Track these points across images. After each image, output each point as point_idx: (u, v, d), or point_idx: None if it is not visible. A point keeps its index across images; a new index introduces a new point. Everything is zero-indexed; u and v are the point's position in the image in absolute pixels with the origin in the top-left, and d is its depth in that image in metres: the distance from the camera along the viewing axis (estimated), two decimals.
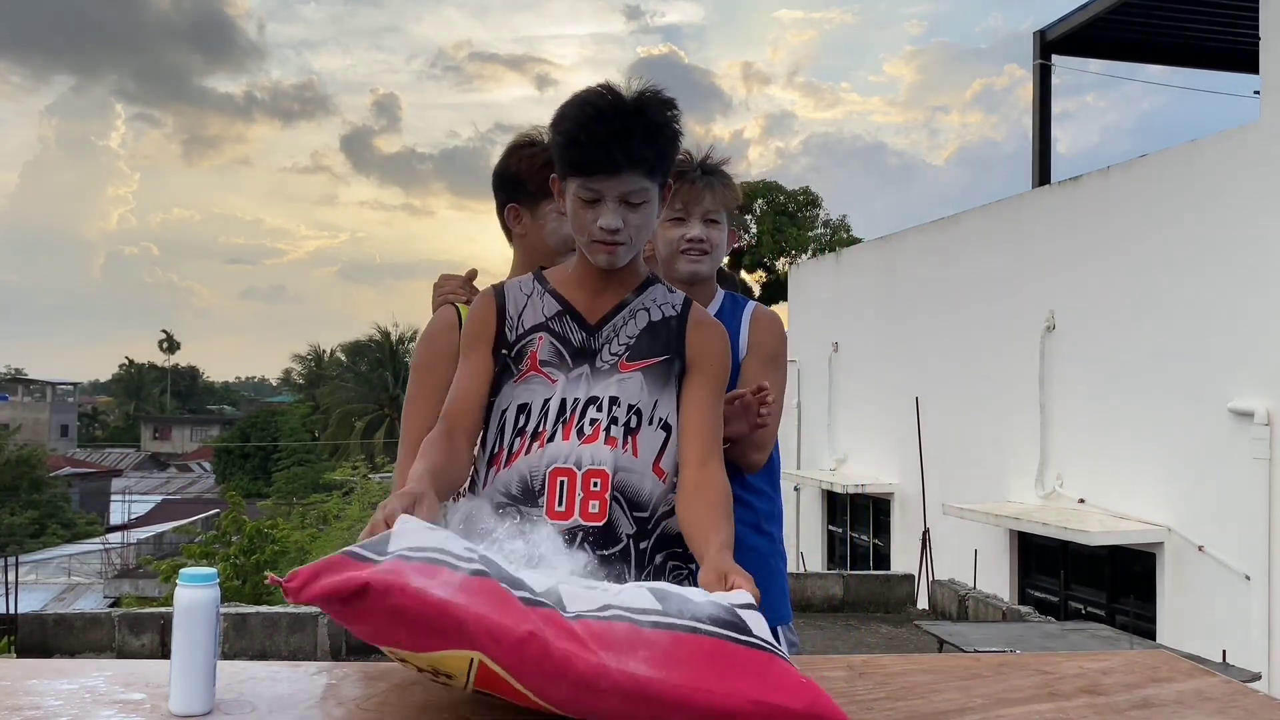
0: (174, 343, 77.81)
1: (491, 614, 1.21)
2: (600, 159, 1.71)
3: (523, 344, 1.81)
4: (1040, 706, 1.53)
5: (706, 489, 1.73)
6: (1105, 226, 10.21)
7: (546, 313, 1.84)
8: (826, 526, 15.85)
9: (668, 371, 1.81)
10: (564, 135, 1.74)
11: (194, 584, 1.42)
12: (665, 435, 1.79)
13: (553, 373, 1.78)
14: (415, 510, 1.45)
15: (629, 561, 1.73)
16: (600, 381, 1.78)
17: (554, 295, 1.85)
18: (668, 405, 1.80)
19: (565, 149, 1.74)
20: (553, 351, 1.80)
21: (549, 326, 1.82)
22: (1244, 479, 8.34)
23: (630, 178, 1.72)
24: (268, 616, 8.36)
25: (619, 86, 1.75)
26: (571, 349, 1.80)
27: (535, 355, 1.80)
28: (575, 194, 1.75)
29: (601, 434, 1.74)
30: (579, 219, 1.77)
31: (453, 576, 1.24)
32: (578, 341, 1.81)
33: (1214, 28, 12.30)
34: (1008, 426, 11.37)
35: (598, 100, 1.72)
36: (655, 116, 1.74)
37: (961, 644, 6.68)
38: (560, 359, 1.80)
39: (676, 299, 1.89)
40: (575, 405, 1.76)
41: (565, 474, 1.72)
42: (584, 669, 1.20)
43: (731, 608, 1.36)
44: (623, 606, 1.30)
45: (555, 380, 1.78)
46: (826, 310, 15.94)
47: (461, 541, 1.36)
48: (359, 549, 1.30)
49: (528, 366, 1.80)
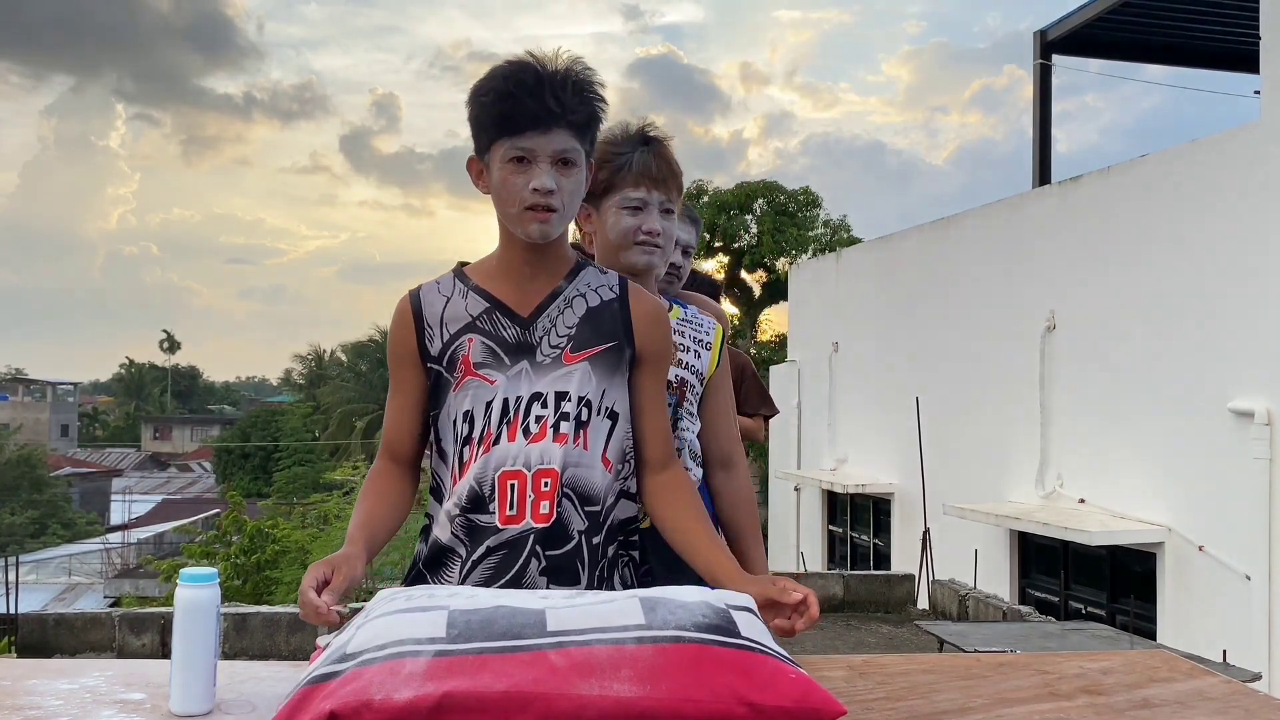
0: (174, 343, 77.80)
1: (460, 687, 1.19)
2: (534, 111, 1.64)
3: (452, 350, 1.73)
4: (1040, 706, 1.53)
5: (681, 491, 1.78)
6: (1105, 226, 10.21)
7: (472, 311, 1.74)
8: (826, 526, 15.84)
9: (617, 358, 1.75)
10: (492, 94, 1.67)
11: (194, 584, 1.43)
12: (612, 424, 1.73)
13: (489, 373, 1.71)
14: (334, 579, 1.50)
15: (581, 559, 1.69)
16: (544, 376, 1.71)
17: (478, 292, 1.76)
18: (616, 393, 1.74)
19: (493, 107, 1.67)
20: (485, 351, 1.72)
21: (477, 326, 1.73)
22: (1244, 479, 8.33)
23: (562, 135, 1.66)
24: (268, 616, 8.36)
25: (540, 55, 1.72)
26: (506, 346, 1.72)
27: (467, 359, 1.72)
28: (504, 158, 1.67)
29: (549, 431, 1.68)
30: (508, 186, 1.68)
31: (416, 665, 1.21)
32: (511, 337, 1.72)
33: (1214, 28, 12.30)
34: (1008, 426, 11.37)
35: (523, 62, 1.68)
36: (583, 75, 1.70)
37: (961, 644, 6.67)
38: (495, 358, 1.72)
39: (611, 280, 1.81)
40: (519, 404, 1.70)
41: (515, 476, 1.67)
42: (566, 707, 1.19)
43: (726, 609, 1.35)
44: (607, 627, 1.29)
45: (494, 381, 1.70)
46: (826, 310, 15.94)
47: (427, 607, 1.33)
48: (321, 669, 1.27)
49: (462, 372, 1.72)
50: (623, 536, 1.77)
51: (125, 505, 37.02)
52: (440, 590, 1.44)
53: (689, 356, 2.12)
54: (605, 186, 2.03)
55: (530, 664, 1.23)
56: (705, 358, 2.13)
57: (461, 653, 1.24)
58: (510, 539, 1.67)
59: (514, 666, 1.22)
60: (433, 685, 1.19)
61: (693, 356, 2.12)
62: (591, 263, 1.85)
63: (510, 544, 1.67)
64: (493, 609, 1.32)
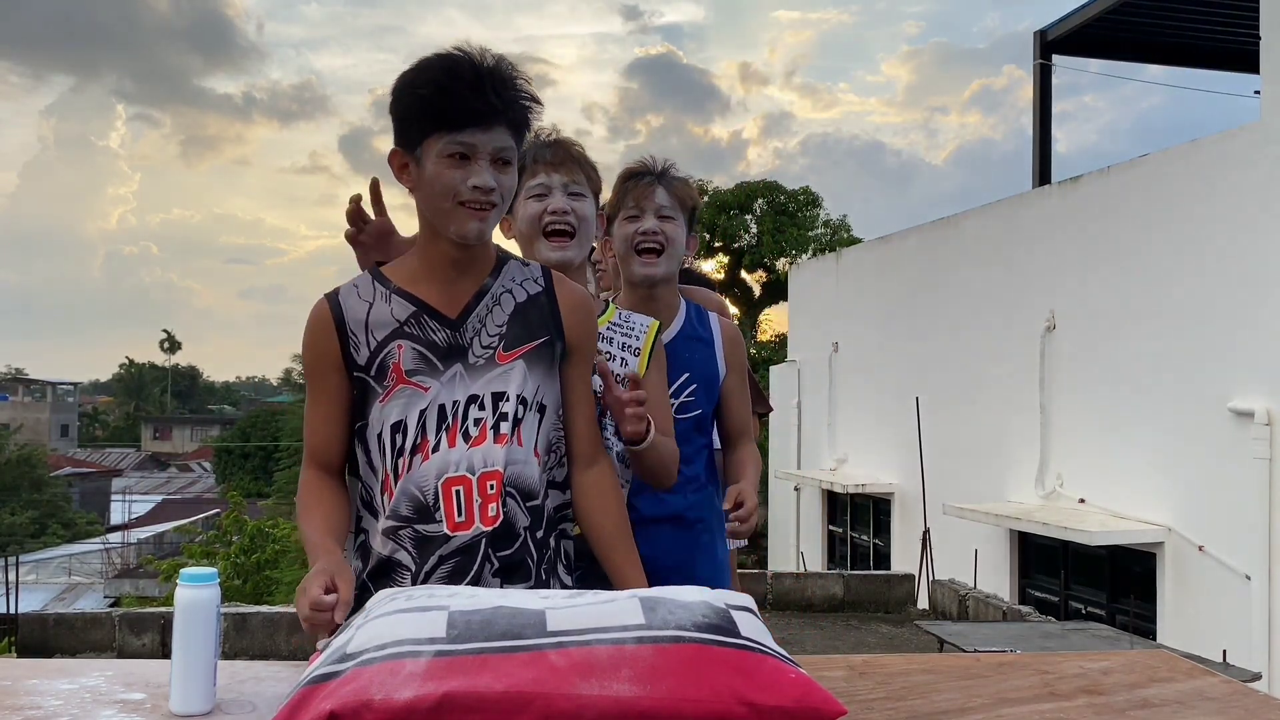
0: (174, 342, 77.81)
1: (460, 687, 1.19)
2: (475, 107, 1.60)
3: (380, 358, 1.67)
4: (1040, 706, 1.53)
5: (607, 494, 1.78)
6: (1105, 226, 10.21)
7: (398, 316, 1.68)
8: (826, 526, 15.84)
9: (549, 353, 1.73)
10: (430, 86, 1.61)
11: (194, 584, 1.43)
12: (540, 416, 1.71)
13: (423, 380, 1.66)
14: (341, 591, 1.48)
15: (530, 555, 1.69)
16: (479, 378, 1.67)
17: (402, 295, 1.70)
18: (548, 387, 1.73)
19: (431, 102, 1.61)
20: (417, 358, 1.66)
21: (405, 331, 1.67)
22: (1244, 479, 8.33)
23: (501, 133, 1.63)
24: (268, 616, 8.36)
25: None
26: (438, 351, 1.67)
27: (398, 366, 1.66)
28: (441, 153, 1.62)
29: (489, 432, 1.65)
30: (444, 181, 1.62)
31: (416, 665, 1.21)
32: (442, 341, 1.67)
33: (1214, 28, 12.30)
34: (1008, 426, 11.37)
35: (457, 55, 1.63)
36: (518, 73, 1.67)
37: (961, 644, 6.67)
38: (427, 364, 1.66)
39: (535, 271, 1.78)
40: (455, 408, 1.66)
41: (460, 482, 1.64)
42: (566, 707, 1.19)
43: (726, 609, 1.35)
44: (607, 627, 1.29)
45: (427, 388, 1.66)
46: (826, 310, 15.94)
47: (426, 607, 1.33)
48: (321, 669, 1.27)
49: (393, 381, 1.66)
50: (560, 527, 1.77)
51: (125, 505, 37.03)
52: (440, 590, 1.44)
53: (614, 366, 2.02)
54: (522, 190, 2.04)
55: (530, 664, 1.23)
56: (632, 364, 2.05)
57: (461, 653, 1.24)
58: (462, 545, 1.65)
59: (514, 666, 1.22)
60: (433, 685, 1.19)
61: (618, 365, 2.03)
62: (512, 256, 1.82)
63: (463, 550, 1.65)
64: (493, 609, 1.32)
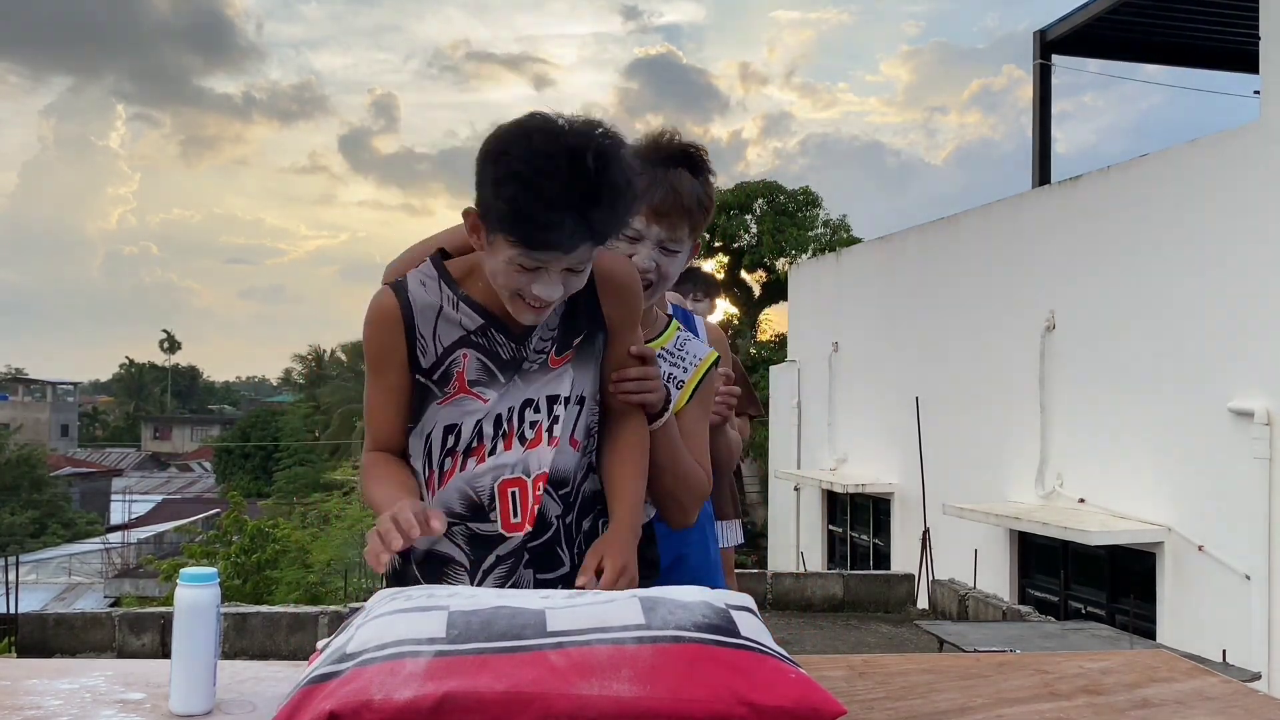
0: (174, 342, 77.81)
1: (460, 687, 1.19)
2: (553, 240, 1.50)
3: (446, 365, 1.66)
4: (1040, 706, 1.53)
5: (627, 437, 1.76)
6: (1105, 226, 10.21)
7: (468, 326, 1.66)
8: (826, 526, 15.84)
9: (592, 347, 1.72)
10: (508, 202, 1.48)
11: (194, 584, 1.42)
12: (580, 408, 1.71)
13: (483, 391, 1.66)
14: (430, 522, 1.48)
15: (560, 543, 1.70)
16: (533, 383, 1.67)
17: (470, 305, 1.66)
18: (591, 376, 1.72)
19: (509, 217, 1.49)
20: (480, 369, 1.66)
21: (472, 340, 1.66)
22: (1244, 479, 8.33)
23: (583, 250, 1.54)
24: (268, 616, 8.37)
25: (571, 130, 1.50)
26: (500, 362, 1.66)
27: (462, 375, 1.66)
28: (512, 260, 1.53)
29: (544, 435, 1.67)
30: (510, 277, 1.55)
31: (416, 665, 1.21)
32: (507, 354, 1.66)
33: (1214, 28, 12.30)
34: (1008, 426, 11.37)
35: (550, 161, 1.46)
36: (618, 178, 1.50)
37: (961, 644, 6.68)
38: (490, 375, 1.66)
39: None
40: (511, 414, 1.66)
41: (515, 484, 1.66)
42: (566, 707, 1.19)
43: (726, 609, 1.35)
44: (606, 627, 1.29)
45: (486, 399, 1.66)
46: (826, 310, 15.94)
47: (427, 607, 1.33)
48: (321, 669, 1.27)
49: (455, 389, 1.66)
50: (598, 508, 1.77)
51: (125, 505, 36.99)
52: (440, 590, 1.44)
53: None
54: None
55: (530, 664, 1.23)
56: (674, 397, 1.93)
57: (461, 653, 1.24)
58: (518, 547, 1.68)
59: (514, 666, 1.22)
60: (433, 685, 1.19)
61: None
62: None
63: (516, 554, 1.68)
64: (493, 609, 1.32)
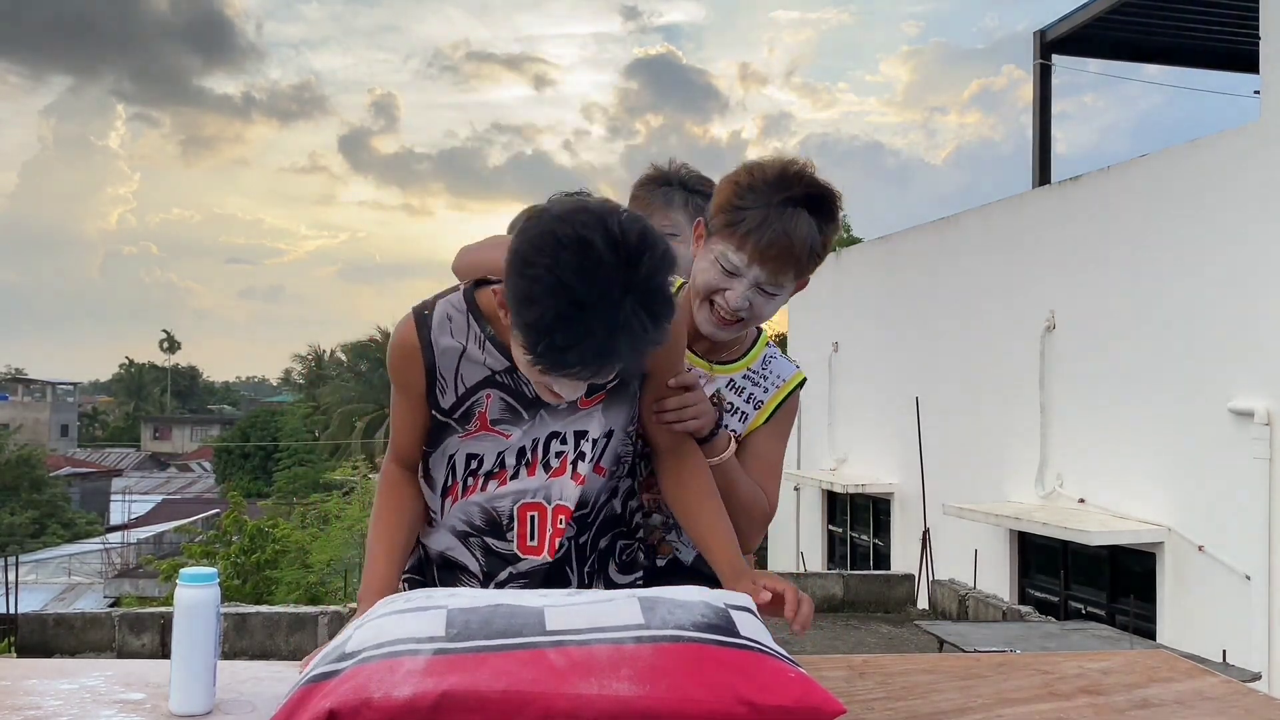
0: (174, 342, 77.76)
1: (460, 685, 1.19)
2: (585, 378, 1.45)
3: (467, 405, 1.63)
4: (1040, 706, 1.53)
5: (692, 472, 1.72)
6: (1105, 226, 10.21)
7: (492, 365, 1.61)
8: (826, 526, 15.84)
9: (625, 391, 1.67)
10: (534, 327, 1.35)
11: (194, 584, 1.42)
12: (608, 439, 1.68)
13: (506, 429, 1.64)
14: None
15: (569, 561, 1.71)
16: (559, 419, 1.64)
17: (497, 346, 1.60)
18: (627, 414, 1.69)
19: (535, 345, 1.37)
20: (504, 408, 1.63)
21: (496, 380, 1.61)
22: (1244, 479, 8.33)
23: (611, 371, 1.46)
24: (268, 616, 8.37)
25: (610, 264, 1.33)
26: (525, 401, 1.62)
27: (485, 416, 1.63)
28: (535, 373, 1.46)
29: (569, 467, 1.65)
30: (529, 372, 1.48)
31: (415, 663, 1.22)
32: (532, 394, 1.60)
33: (1214, 28, 12.29)
34: (1008, 426, 11.37)
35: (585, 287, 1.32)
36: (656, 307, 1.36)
37: (961, 644, 6.68)
38: (514, 414, 1.63)
39: None
40: (536, 445, 1.65)
41: (535, 508, 1.67)
42: (565, 706, 1.19)
43: (725, 608, 1.35)
44: (606, 627, 1.29)
45: (509, 436, 1.64)
46: (826, 310, 15.94)
47: (425, 606, 1.34)
48: (320, 668, 1.27)
49: (477, 426, 1.64)
50: (619, 528, 1.78)
51: (125, 505, 36.97)
52: (439, 591, 1.44)
53: (731, 419, 1.83)
54: (721, 223, 1.71)
55: (529, 663, 1.23)
56: (750, 418, 1.85)
57: (460, 651, 1.24)
58: (531, 569, 1.69)
59: (513, 665, 1.22)
60: (432, 683, 1.19)
61: (734, 419, 1.84)
62: None
63: (530, 575, 1.69)
64: (491, 608, 1.33)
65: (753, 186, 1.69)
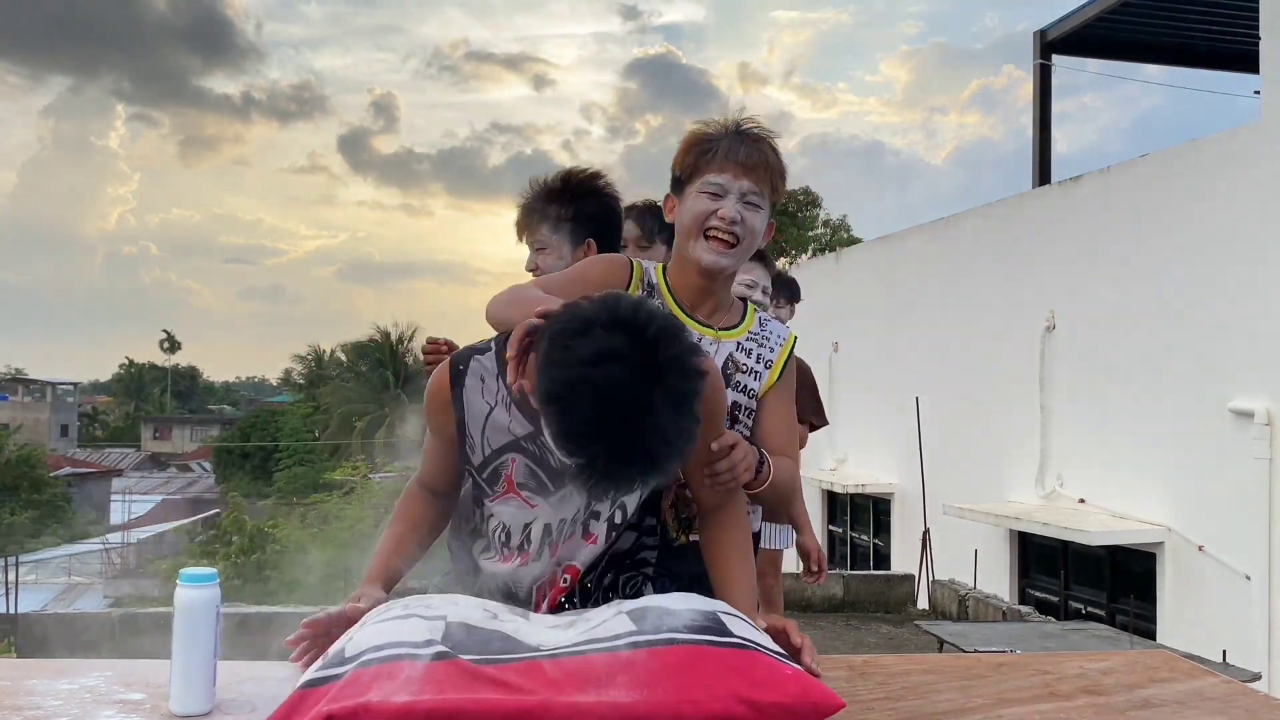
0: (174, 343, 77.80)
1: (458, 694, 1.19)
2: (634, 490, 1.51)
3: (494, 466, 1.64)
4: (1040, 706, 1.53)
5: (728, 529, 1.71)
6: (1105, 226, 10.21)
7: (516, 431, 1.61)
8: (826, 526, 15.84)
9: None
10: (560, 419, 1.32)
11: (194, 584, 1.42)
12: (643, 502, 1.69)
13: (531, 497, 1.63)
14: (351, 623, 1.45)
15: (574, 594, 1.69)
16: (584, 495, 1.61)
17: (523, 411, 1.58)
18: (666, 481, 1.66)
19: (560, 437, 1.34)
20: (529, 474, 1.62)
21: (521, 447, 1.62)
22: (1244, 479, 8.33)
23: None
24: (268, 616, 8.37)
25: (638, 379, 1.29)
26: (550, 472, 1.60)
27: (510, 479, 1.63)
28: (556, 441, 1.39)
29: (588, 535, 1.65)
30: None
31: (414, 669, 1.22)
32: (556, 463, 1.56)
33: (1214, 28, 12.30)
34: (1008, 426, 11.37)
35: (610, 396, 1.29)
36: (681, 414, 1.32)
37: (961, 644, 6.68)
38: (538, 481, 1.61)
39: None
40: (562, 526, 1.63)
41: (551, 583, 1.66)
42: (562, 713, 1.19)
43: (714, 611, 1.35)
44: (598, 638, 1.29)
45: (534, 505, 1.63)
46: (826, 310, 15.93)
47: (424, 615, 1.34)
48: (317, 673, 1.27)
49: (504, 488, 1.64)
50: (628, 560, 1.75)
51: (125, 505, 36.97)
52: (437, 599, 1.44)
53: (747, 379, 1.88)
54: (695, 159, 1.86)
55: (526, 672, 1.23)
56: (764, 377, 1.90)
57: (459, 659, 1.24)
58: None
59: (510, 674, 1.23)
60: (430, 691, 1.19)
61: (750, 379, 1.89)
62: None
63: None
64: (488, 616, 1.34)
65: (715, 126, 1.88)
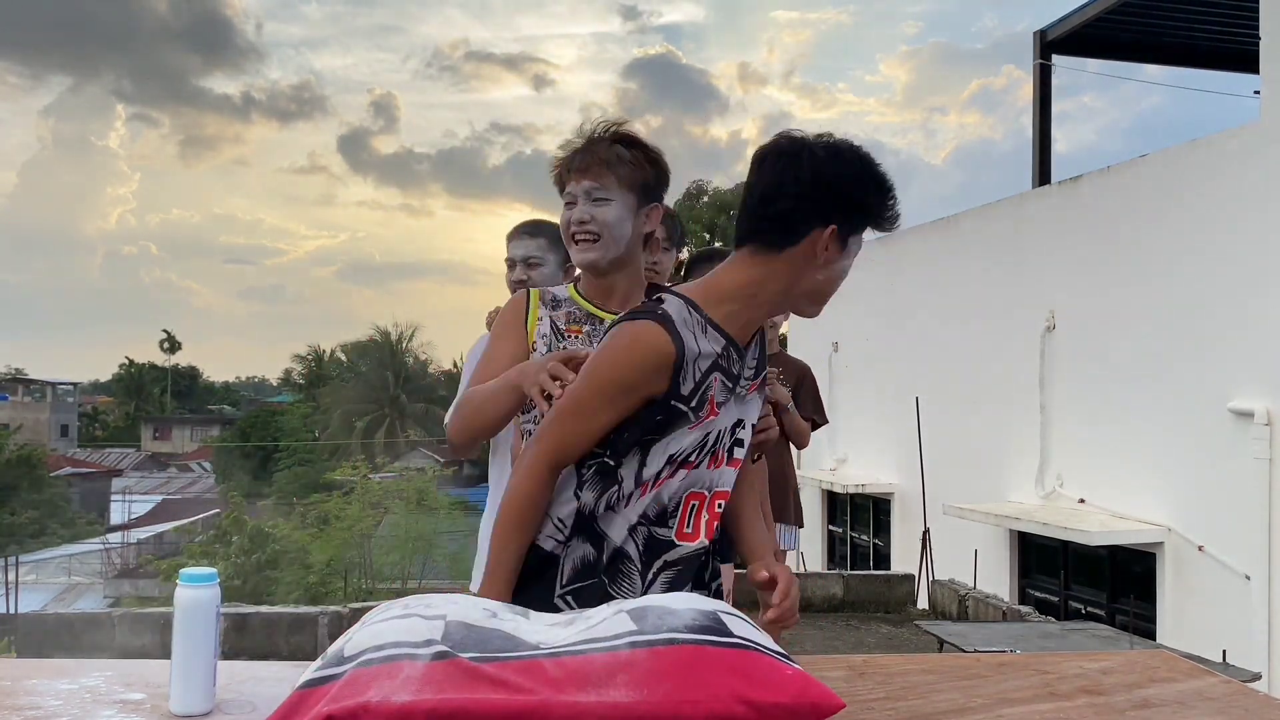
0: (174, 343, 77.73)
1: (458, 694, 1.19)
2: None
3: (701, 390, 1.68)
4: (1040, 706, 1.53)
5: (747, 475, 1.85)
6: (1105, 226, 10.21)
7: (715, 349, 1.69)
8: (826, 526, 15.84)
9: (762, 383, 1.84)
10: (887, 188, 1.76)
11: (194, 584, 1.43)
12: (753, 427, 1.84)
13: (722, 410, 1.73)
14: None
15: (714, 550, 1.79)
16: (740, 405, 1.75)
17: (715, 328, 1.69)
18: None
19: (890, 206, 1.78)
20: (724, 389, 1.72)
21: (719, 364, 1.70)
22: (1244, 479, 8.33)
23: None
24: (268, 616, 8.37)
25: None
26: (733, 379, 1.73)
27: (713, 399, 1.70)
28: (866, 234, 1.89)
29: (727, 455, 1.75)
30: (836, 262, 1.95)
31: (414, 668, 1.22)
32: (736, 370, 1.73)
33: (1214, 28, 12.30)
34: (1008, 426, 11.37)
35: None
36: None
37: (961, 644, 6.67)
38: (727, 393, 1.73)
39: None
40: (722, 434, 1.73)
41: (697, 497, 1.72)
42: (562, 712, 1.19)
43: (714, 612, 1.35)
44: (598, 638, 1.29)
45: (718, 415, 1.72)
46: (826, 310, 15.88)
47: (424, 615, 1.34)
48: (316, 672, 1.27)
49: (707, 412, 1.69)
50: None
51: (125, 505, 36.96)
52: (437, 599, 1.45)
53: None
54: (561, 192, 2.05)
55: (526, 671, 1.23)
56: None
57: (458, 658, 1.24)
58: (685, 555, 1.72)
59: (510, 674, 1.23)
60: (430, 691, 1.19)
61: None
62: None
63: (685, 560, 1.72)
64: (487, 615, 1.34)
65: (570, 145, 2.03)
